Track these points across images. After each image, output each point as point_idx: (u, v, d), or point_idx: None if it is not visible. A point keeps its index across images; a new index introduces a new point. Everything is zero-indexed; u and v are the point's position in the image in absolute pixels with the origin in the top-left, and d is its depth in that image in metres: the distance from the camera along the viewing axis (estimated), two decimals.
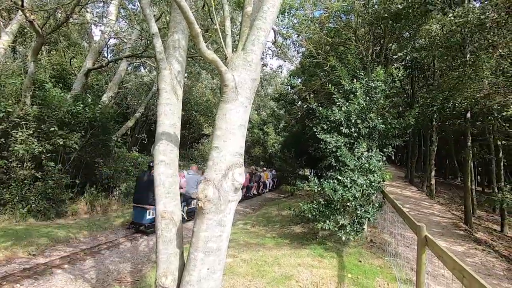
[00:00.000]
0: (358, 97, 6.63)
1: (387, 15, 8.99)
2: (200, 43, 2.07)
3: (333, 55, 10.89)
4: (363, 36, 12.22)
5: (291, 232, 7.59)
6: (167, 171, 2.49)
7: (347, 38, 11.74)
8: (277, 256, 5.56)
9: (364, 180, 5.56)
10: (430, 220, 8.84)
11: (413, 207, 10.24)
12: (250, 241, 6.77)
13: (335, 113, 6.45)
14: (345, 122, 6.47)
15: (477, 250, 6.56)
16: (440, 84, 9.05)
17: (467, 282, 1.98)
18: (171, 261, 2.34)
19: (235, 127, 2.27)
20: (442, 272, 5.24)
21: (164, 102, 2.57)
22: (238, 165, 2.25)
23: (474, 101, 6.94)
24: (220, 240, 2.19)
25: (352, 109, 6.41)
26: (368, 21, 10.92)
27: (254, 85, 2.41)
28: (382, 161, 6.04)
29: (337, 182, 5.71)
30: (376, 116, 6.67)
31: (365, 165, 5.67)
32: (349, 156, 5.95)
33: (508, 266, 5.91)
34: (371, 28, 11.59)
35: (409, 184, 16.11)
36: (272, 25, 2.45)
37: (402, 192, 12.95)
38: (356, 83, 6.76)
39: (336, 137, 6.27)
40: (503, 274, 5.44)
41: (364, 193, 5.54)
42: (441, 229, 7.99)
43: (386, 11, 8.91)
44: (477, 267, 5.68)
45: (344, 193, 5.39)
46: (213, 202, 2.13)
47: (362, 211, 5.47)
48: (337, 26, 10.94)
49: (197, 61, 12.21)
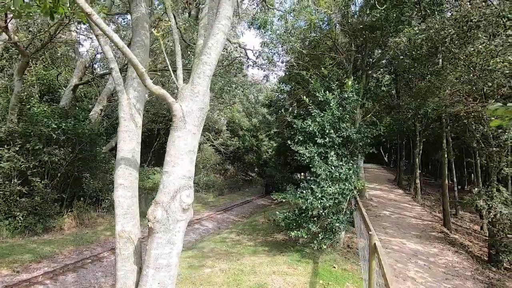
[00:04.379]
0: (332, 108, 6.92)
1: (362, 26, 9.35)
2: (146, 80, 2.33)
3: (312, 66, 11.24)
4: (344, 46, 12.59)
5: (274, 240, 7.79)
6: (125, 193, 2.71)
7: (327, 48, 12.10)
8: (255, 265, 5.76)
9: (335, 188, 5.81)
10: (410, 223, 9.09)
11: (396, 210, 10.50)
12: (231, 250, 6.96)
13: (309, 125, 6.71)
14: (320, 132, 6.74)
15: (450, 252, 6.81)
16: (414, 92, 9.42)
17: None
18: (128, 277, 2.55)
19: (183, 153, 2.51)
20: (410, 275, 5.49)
21: (123, 129, 2.81)
22: (186, 188, 2.48)
23: (441, 109, 7.29)
24: (170, 257, 2.41)
25: (326, 119, 6.69)
26: (348, 32, 11.31)
27: (201, 113, 2.66)
28: (354, 169, 6.29)
29: (311, 191, 5.95)
30: (350, 126, 6.95)
31: (335, 174, 5.92)
32: (321, 166, 6.20)
33: (477, 266, 6.17)
34: (351, 38, 11.98)
35: (396, 187, 16.40)
36: (217, 60, 2.70)
37: (388, 195, 13.22)
38: (329, 94, 7.04)
39: (310, 148, 6.52)
40: (470, 275, 5.69)
41: (336, 202, 5.78)
42: (419, 231, 8.24)
43: (361, 23, 9.27)
44: (447, 268, 5.93)
45: (314, 202, 5.63)
46: (162, 223, 2.36)
47: (334, 219, 5.70)
48: (316, 37, 11.31)
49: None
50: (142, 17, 3.23)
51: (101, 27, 2.01)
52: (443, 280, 5.41)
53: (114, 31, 10.77)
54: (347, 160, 6.76)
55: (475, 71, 5.81)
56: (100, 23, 2.00)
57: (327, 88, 7.48)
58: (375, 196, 12.72)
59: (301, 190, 6.20)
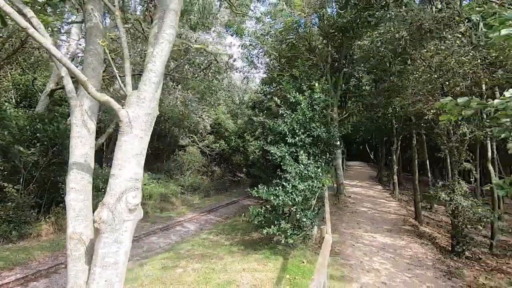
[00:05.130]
0: (302, 109, 7.15)
1: (334, 28, 9.65)
2: (88, 88, 2.45)
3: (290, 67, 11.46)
4: (321, 47, 12.88)
5: (250, 238, 7.96)
6: (77, 196, 2.82)
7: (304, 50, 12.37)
8: (227, 263, 5.91)
9: (304, 186, 6.03)
10: (384, 217, 9.42)
11: (372, 206, 10.84)
12: (207, 251, 7.09)
13: (279, 125, 6.92)
14: (290, 132, 6.95)
15: (416, 244, 7.13)
16: (380, 92, 9.78)
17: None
18: (79, 276, 2.66)
19: (130, 156, 2.64)
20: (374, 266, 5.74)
21: (75, 135, 2.92)
22: (133, 189, 2.61)
23: (405, 107, 7.65)
24: (117, 255, 2.54)
25: (295, 120, 6.91)
26: (322, 33, 11.60)
27: (149, 118, 2.80)
28: (323, 167, 6.52)
29: (282, 188, 6.15)
30: (320, 126, 7.19)
31: (304, 172, 6.14)
32: (292, 165, 6.41)
33: (440, 257, 6.49)
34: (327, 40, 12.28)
35: (377, 184, 16.82)
36: (163, 67, 2.84)
37: (367, 192, 13.58)
38: (299, 95, 7.27)
39: (281, 148, 6.73)
40: (432, 264, 6.00)
41: (305, 198, 5.99)
42: (391, 225, 8.56)
43: (333, 25, 9.57)
44: (411, 259, 6.22)
45: (285, 199, 5.83)
46: (107, 223, 2.48)
47: (302, 215, 5.91)
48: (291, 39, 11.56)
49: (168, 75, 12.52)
50: (95, 26, 3.33)
51: (38, 40, 2.12)
52: (406, 270, 5.69)
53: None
54: (318, 158, 7.00)
55: (433, 71, 6.15)
56: (37, 37, 2.12)
57: (298, 90, 7.70)
58: (354, 193, 13.05)
59: (273, 187, 6.40)
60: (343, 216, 9.54)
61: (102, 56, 3.41)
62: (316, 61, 11.65)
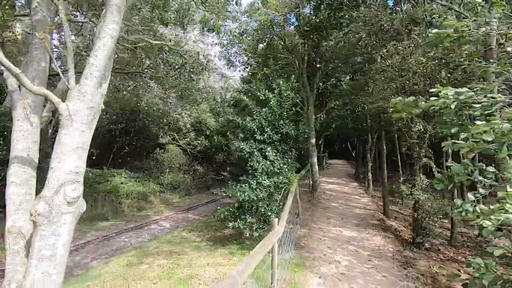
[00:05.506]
0: (271, 106, 7.28)
1: (308, 29, 9.85)
2: (23, 81, 2.46)
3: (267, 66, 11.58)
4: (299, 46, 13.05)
5: (222, 235, 8.04)
6: (18, 190, 2.82)
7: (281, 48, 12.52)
8: (193, 259, 5.97)
9: (270, 181, 6.16)
10: (354, 213, 9.72)
11: (345, 202, 11.14)
12: (176, 247, 7.12)
13: (248, 122, 7.02)
14: (259, 129, 7.07)
15: (380, 236, 7.41)
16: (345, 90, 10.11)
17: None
18: (17, 270, 2.66)
19: (70, 150, 2.66)
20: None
21: (17, 129, 2.91)
22: (72, 182, 2.64)
23: (368, 106, 7.97)
24: (54, 248, 2.55)
25: (264, 117, 7.03)
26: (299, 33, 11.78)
27: (91, 112, 2.82)
28: (289, 164, 6.68)
29: (248, 184, 6.27)
30: (288, 123, 7.34)
31: (270, 168, 6.27)
32: (260, 161, 6.53)
33: (400, 248, 6.79)
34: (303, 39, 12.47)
35: (353, 181, 17.25)
36: (105, 61, 2.86)
37: (342, 189, 13.93)
38: (269, 93, 7.40)
39: (250, 144, 6.84)
40: (391, 256, 6.26)
41: (270, 193, 6.13)
42: (359, 220, 8.84)
43: (306, 24, 9.76)
44: (373, 251, 6.47)
45: (251, 194, 5.94)
46: (44, 216, 2.50)
47: (267, 210, 6.04)
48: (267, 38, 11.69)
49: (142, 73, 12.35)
50: (42, 20, 3.31)
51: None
52: (366, 261, 5.92)
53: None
54: (288, 155, 7.16)
55: (394, 71, 6.42)
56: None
57: (269, 88, 7.83)
58: (330, 189, 13.36)
59: (241, 184, 6.51)
60: (316, 212, 9.77)
61: (47, 50, 3.39)
62: (292, 60, 11.83)
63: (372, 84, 7.11)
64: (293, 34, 12.57)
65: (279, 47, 12.73)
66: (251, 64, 13.92)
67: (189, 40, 14.99)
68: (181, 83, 11.63)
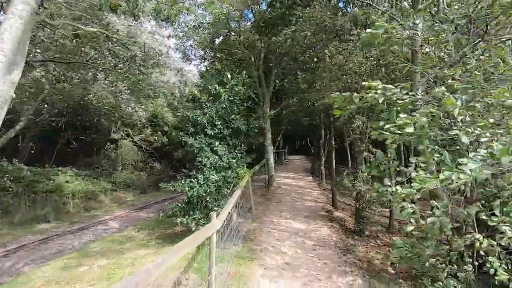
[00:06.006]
0: (222, 101, 7.25)
1: (263, 25, 9.95)
2: None
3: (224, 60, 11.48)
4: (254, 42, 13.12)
5: (172, 232, 7.87)
6: None
7: (237, 44, 12.49)
8: (137, 258, 5.76)
9: (218, 176, 6.15)
10: (305, 205, 10.13)
11: (298, 195, 11.56)
12: (122, 247, 6.81)
13: (199, 116, 6.92)
14: (209, 124, 7.00)
15: (326, 227, 7.83)
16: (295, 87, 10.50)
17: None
18: None
19: None
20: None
21: None
22: None
23: (316, 103, 8.40)
24: None
25: (214, 111, 6.98)
26: (255, 28, 11.83)
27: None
28: (239, 158, 6.73)
29: (197, 180, 6.19)
30: (239, 118, 7.38)
31: (219, 163, 6.26)
32: (209, 156, 6.48)
33: (342, 237, 7.24)
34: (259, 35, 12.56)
35: (309, 175, 17.96)
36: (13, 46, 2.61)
37: (297, 183, 14.42)
38: (220, 88, 7.36)
39: (200, 139, 6.75)
40: (334, 244, 6.65)
41: (218, 188, 6.13)
42: (309, 212, 9.24)
43: (261, 20, 9.87)
44: (318, 241, 6.81)
45: (199, 190, 5.88)
46: None
47: (215, 205, 6.04)
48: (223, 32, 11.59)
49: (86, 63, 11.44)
50: None
51: None
52: (310, 251, 6.21)
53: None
54: (238, 150, 7.20)
55: (338, 70, 6.80)
56: None
57: (220, 82, 7.79)
58: (285, 184, 13.76)
59: (190, 179, 6.41)
60: (269, 206, 9.99)
61: None
62: (248, 55, 11.87)
63: (319, 82, 7.46)
64: (250, 30, 12.62)
65: (236, 42, 12.69)
66: (207, 59, 13.72)
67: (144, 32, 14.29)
68: (131, 77, 11.06)
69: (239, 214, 7.76)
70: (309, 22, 6.27)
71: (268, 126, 12.76)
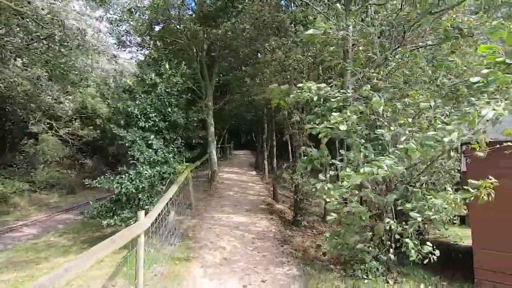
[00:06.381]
0: (159, 92, 6.77)
1: (202, 14, 9.58)
2: None
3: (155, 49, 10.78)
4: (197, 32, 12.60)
5: (101, 234, 7.13)
6: None
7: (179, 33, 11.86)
8: (55, 267, 5.04)
9: (152, 172, 5.73)
10: (247, 199, 10.22)
11: (240, 190, 11.60)
12: (35, 256, 5.92)
13: (130, 107, 6.35)
14: (143, 115, 6.48)
15: (266, 220, 7.99)
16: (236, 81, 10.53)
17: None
18: None
19: None
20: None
21: None
22: None
23: (256, 97, 8.55)
24: None
25: (148, 102, 6.48)
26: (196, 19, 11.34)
27: None
28: (175, 153, 6.39)
29: (127, 176, 5.67)
30: (177, 111, 6.99)
31: (153, 158, 5.84)
32: (142, 150, 5.99)
33: (281, 228, 7.46)
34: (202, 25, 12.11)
35: (254, 169, 18.20)
36: None
37: (241, 177, 14.48)
38: (156, 77, 6.86)
39: (132, 132, 6.20)
40: (272, 236, 6.81)
41: (152, 184, 5.72)
42: (251, 206, 9.33)
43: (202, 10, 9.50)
44: (258, 234, 6.89)
45: (129, 186, 5.40)
46: None
47: (147, 202, 5.63)
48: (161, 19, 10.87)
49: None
50: None
51: None
52: (249, 244, 6.24)
53: None
54: (175, 144, 6.83)
55: (278, 65, 6.92)
56: None
57: (157, 72, 7.26)
58: (228, 179, 13.68)
59: (120, 175, 5.86)
60: (211, 201, 9.80)
61: None
62: (189, 46, 11.36)
63: (260, 76, 7.49)
64: (191, 20, 12.08)
65: (177, 31, 12.02)
66: (145, 47, 12.76)
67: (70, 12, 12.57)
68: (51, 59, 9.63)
69: (177, 211, 7.43)
70: (249, 16, 6.21)
71: (211, 120, 12.49)
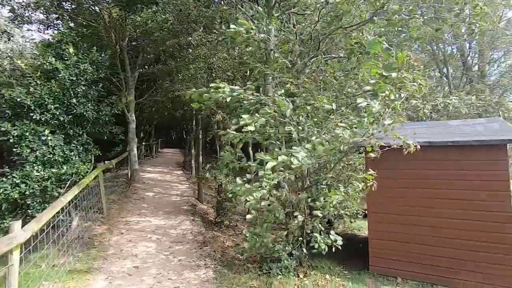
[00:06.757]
0: (61, 80, 5.83)
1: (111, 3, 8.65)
2: None
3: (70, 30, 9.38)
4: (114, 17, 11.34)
5: None
6: None
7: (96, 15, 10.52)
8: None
9: (46, 173, 4.88)
10: (170, 201, 9.71)
11: (163, 190, 10.97)
12: None
13: (19, 95, 5.30)
14: (38, 106, 5.48)
15: (188, 221, 7.71)
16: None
17: None
18: None
19: None
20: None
21: None
22: None
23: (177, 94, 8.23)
24: None
25: (46, 91, 5.52)
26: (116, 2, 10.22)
27: None
28: (80, 151, 5.60)
29: (11, 179, 4.70)
30: (85, 102, 6.14)
31: (48, 156, 4.98)
32: (34, 147, 5.06)
33: (202, 229, 7.28)
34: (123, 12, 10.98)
35: (181, 169, 17.48)
36: None
37: (165, 177, 13.72)
38: (58, 62, 5.89)
39: (21, 125, 5.17)
40: (192, 238, 6.58)
41: (45, 188, 4.87)
42: (173, 208, 8.88)
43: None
44: (177, 237, 6.58)
45: (11, 192, 4.47)
46: None
47: (38, 210, 4.79)
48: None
49: None
50: None
51: None
52: (166, 249, 5.88)
53: None
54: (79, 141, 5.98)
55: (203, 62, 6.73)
56: None
57: (59, 56, 6.25)
58: (150, 179, 12.81)
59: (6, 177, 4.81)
60: (128, 204, 8.98)
61: None
62: (107, 30, 10.17)
63: (184, 72, 7.15)
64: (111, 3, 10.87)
65: (92, 13, 10.64)
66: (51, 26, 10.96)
67: None
68: None
69: (84, 216, 6.59)
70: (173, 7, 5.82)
71: (132, 116, 11.49)
